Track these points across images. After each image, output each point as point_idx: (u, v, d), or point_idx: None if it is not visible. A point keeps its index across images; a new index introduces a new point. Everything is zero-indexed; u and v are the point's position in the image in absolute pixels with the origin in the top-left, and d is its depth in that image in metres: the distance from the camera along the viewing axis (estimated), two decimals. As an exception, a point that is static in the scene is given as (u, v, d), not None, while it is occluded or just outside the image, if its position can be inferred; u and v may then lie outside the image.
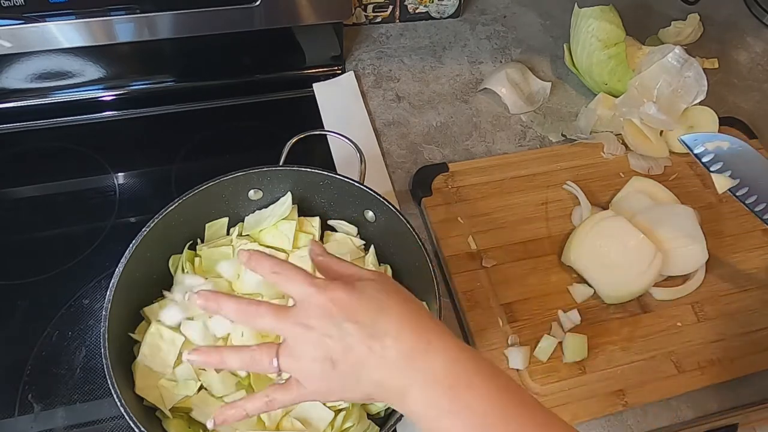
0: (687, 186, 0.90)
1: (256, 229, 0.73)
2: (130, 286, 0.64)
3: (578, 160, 0.92)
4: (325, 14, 0.91)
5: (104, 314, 0.60)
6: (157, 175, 0.88)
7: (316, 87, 0.99)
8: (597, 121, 0.95)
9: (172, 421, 0.61)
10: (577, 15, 0.97)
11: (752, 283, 0.82)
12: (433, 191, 0.86)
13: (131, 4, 0.81)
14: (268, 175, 0.72)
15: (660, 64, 0.91)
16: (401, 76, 1.03)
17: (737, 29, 1.17)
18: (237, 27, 0.87)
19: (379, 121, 0.97)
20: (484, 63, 1.06)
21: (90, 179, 0.87)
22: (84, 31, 0.82)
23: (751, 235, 0.86)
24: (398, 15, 1.09)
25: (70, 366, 0.71)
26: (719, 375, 0.74)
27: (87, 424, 0.68)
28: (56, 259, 0.79)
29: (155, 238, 0.66)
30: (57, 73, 0.90)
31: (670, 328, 0.77)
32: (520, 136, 0.97)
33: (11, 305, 0.75)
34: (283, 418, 0.62)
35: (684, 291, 0.80)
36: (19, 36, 0.80)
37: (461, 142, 0.95)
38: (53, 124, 0.92)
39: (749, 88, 1.08)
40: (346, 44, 1.03)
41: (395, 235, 0.71)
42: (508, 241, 0.83)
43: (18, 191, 0.86)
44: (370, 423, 0.63)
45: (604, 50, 0.94)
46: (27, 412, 0.68)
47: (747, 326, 0.78)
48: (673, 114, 0.90)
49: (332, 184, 0.72)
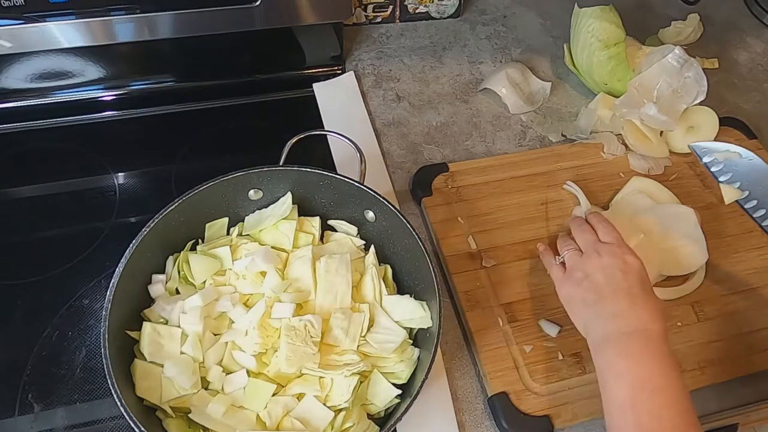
0: (687, 186, 0.90)
1: (256, 229, 0.73)
2: (130, 286, 0.65)
3: (578, 160, 0.92)
4: (325, 14, 0.91)
5: (104, 314, 0.60)
6: (157, 175, 0.88)
7: (316, 87, 0.99)
8: (597, 121, 0.95)
9: (172, 420, 0.61)
10: (577, 15, 0.97)
11: (752, 283, 0.82)
12: (433, 191, 0.86)
13: (131, 4, 0.81)
14: (268, 175, 0.72)
15: (660, 64, 0.91)
16: (401, 76, 1.03)
17: (737, 29, 1.17)
18: (237, 27, 0.87)
19: (379, 121, 0.97)
20: (484, 63, 1.07)
21: (90, 179, 0.87)
22: (84, 31, 0.82)
23: (751, 235, 0.86)
24: (398, 15, 1.09)
25: (70, 366, 0.71)
26: (719, 375, 0.74)
27: (87, 424, 0.68)
28: (56, 259, 0.79)
29: (155, 238, 0.66)
30: (57, 73, 0.90)
31: (670, 328, 0.77)
32: (520, 136, 0.97)
33: (11, 305, 0.75)
34: (283, 417, 0.62)
35: (684, 291, 0.80)
36: (19, 36, 0.80)
37: (461, 142, 0.95)
38: (53, 124, 0.92)
39: (749, 88, 1.08)
40: (346, 44, 1.03)
41: (395, 235, 0.71)
42: (508, 241, 0.83)
43: (18, 191, 0.86)
44: (370, 423, 0.64)
45: (604, 50, 0.94)
46: (27, 412, 0.68)
47: (747, 326, 0.78)
48: (673, 114, 0.90)
49: (332, 184, 0.72)
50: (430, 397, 0.71)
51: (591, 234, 0.73)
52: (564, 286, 0.71)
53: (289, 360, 0.62)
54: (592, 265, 0.68)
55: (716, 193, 0.90)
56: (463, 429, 0.71)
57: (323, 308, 0.67)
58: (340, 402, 0.62)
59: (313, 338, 0.63)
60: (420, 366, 0.66)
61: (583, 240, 0.73)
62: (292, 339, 0.63)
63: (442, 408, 0.71)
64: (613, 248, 0.69)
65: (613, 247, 0.69)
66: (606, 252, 0.69)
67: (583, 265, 0.69)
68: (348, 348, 0.65)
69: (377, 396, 0.64)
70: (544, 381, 0.72)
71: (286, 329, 0.63)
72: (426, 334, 0.67)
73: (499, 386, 0.71)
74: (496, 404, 0.70)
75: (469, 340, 0.76)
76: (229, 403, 0.62)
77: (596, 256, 0.69)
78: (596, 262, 0.68)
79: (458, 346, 0.77)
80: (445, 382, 0.73)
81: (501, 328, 0.76)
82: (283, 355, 0.62)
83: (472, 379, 0.75)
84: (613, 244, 0.70)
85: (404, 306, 0.68)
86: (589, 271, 0.68)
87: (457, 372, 0.75)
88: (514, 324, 0.76)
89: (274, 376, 0.64)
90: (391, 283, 0.72)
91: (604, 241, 0.71)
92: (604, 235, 0.72)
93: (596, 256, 0.69)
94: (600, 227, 0.73)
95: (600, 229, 0.73)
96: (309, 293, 0.68)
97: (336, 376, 0.63)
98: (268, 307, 0.65)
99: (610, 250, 0.69)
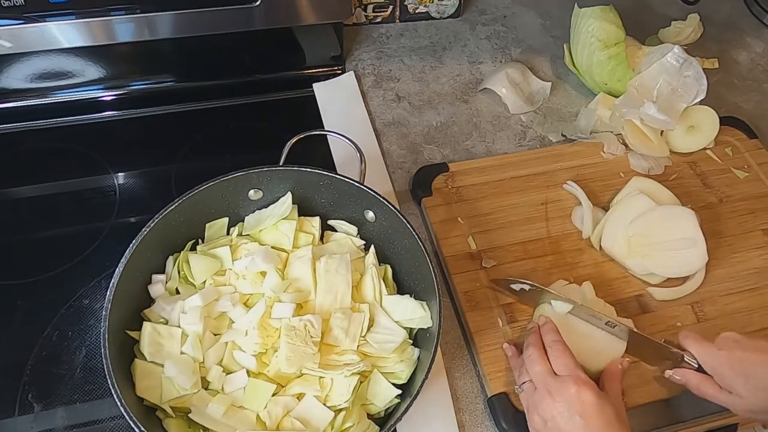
0: (687, 186, 0.90)
1: (256, 229, 0.73)
2: (130, 286, 0.65)
3: (578, 160, 0.92)
4: (325, 14, 0.91)
5: (104, 314, 0.60)
6: (157, 175, 0.88)
7: (316, 87, 0.99)
8: (597, 121, 0.95)
9: (172, 420, 0.61)
10: (577, 15, 0.97)
11: (752, 283, 0.82)
12: (433, 191, 0.86)
13: (131, 4, 0.81)
14: (268, 175, 0.72)
15: (659, 63, 0.91)
16: (401, 76, 1.03)
17: (737, 29, 1.17)
18: (237, 27, 0.87)
19: (379, 121, 0.97)
20: (484, 63, 1.06)
21: (90, 179, 0.87)
22: (84, 31, 0.82)
23: (751, 235, 0.86)
24: (398, 15, 1.09)
25: (70, 366, 0.71)
26: (719, 375, 0.74)
27: (87, 424, 0.68)
28: (56, 259, 0.79)
29: (155, 238, 0.66)
30: (57, 73, 0.90)
31: (670, 328, 0.77)
32: (520, 136, 0.97)
33: (11, 305, 0.75)
34: (283, 417, 0.62)
35: (684, 291, 0.80)
36: (19, 36, 0.80)
37: (461, 142, 0.95)
38: (53, 124, 0.92)
39: (749, 88, 1.08)
40: (346, 44, 1.03)
41: (395, 235, 0.71)
42: (508, 241, 0.83)
43: (18, 191, 0.86)
44: (370, 423, 0.64)
45: (604, 50, 0.94)
46: (27, 412, 0.68)
47: (747, 326, 0.78)
48: (673, 114, 0.90)
49: (332, 184, 0.72)
50: (430, 397, 0.71)
51: (542, 365, 0.66)
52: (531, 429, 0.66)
53: (289, 360, 0.62)
54: (548, 409, 0.63)
55: (716, 193, 0.90)
56: (463, 429, 0.71)
57: (323, 308, 0.67)
58: (340, 402, 0.62)
59: (313, 338, 0.63)
60: (420, 366, 0.66)
61: (534, 374, 0.66)
62: (292, 339, 0.63)
63: (442, 408, 0.71)
64: (567, 385, 0.63)
65: (566, 383, 0.63)
66: (559, 392, 0.63)
67: (538, 408, 0.64)
68: (348, 348, 0.65)
69: (377, 396, 0.64)
70: (544, 381, 0.72)
71: (286, 329, 0.63)
72: (426, 334, 0.67)
73: (499, 387, 0.71)
74: (496, 405, 0.70)
75: (469, 340, 0.76)
76: (229, 403, 0.62)
77: (549, 398, 0.63)
78: (552, 408, 0.63)
79: (458, 346, 0.77)
80: (445, 382, 0.73)
81: (501, 329, 0.76)
82: (283, 355, 0.62)
83: (472, 379, 0.75)
84: (566, 378, 0.63)
85: (404, 306, 0.68)
86: (548, 416, 0.63)
87: (457, 372, 0.75)
88: (514, 324, 0.76)
89: (274, 376, 0.64)
90: (391, 283, 0.72)
91: (556, 370, 0.65)
92: (555, 363, 0.66)
93: (549, 399, 0.63)
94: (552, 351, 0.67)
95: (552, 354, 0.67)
96: (309, 293, 0.68)
97: (336, 376, 0.63)
98: (268, 307, 0.65)
99: (563, 389, 0.63)
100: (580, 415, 0.61)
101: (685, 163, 0.93)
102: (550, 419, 0.63)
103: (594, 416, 0.61)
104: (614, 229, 0.82)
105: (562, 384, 0.63)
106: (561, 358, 0.66)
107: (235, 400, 0.62)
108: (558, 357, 0.66)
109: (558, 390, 0.63)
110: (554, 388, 0.63)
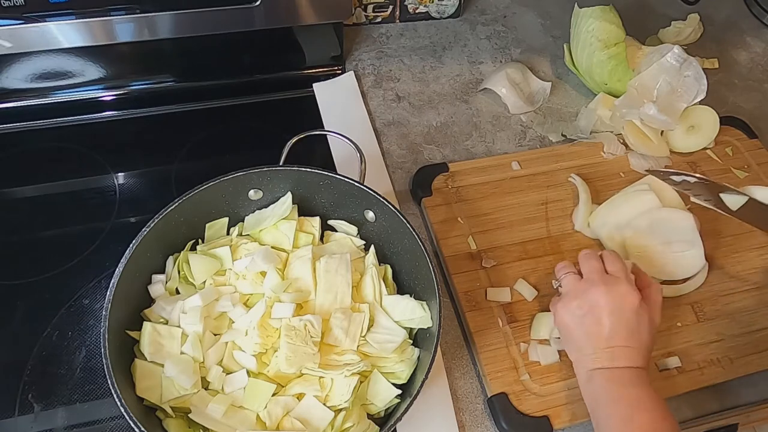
0: (687, 186, 0.90)
1: (256, 229, 0.73)
2: (130, 286, 0.65)
3: (578, 160, 0.92)
4: (325, 14, 0.91)
5: (104, 314, 0.60)
6: (157, 175, 0.88)
7: (316, 87, 0.99)
8: (597, 121, 0.95)
9: (172, 420, 0.61)
10: (577, 15, 0.97)
11: (752, 283, 0.82)
12: (433, 191, 0.86)
13: (131, 4, 0.81)
14: (268, 175, 0.72)
15: (659, 63, 0.91)
16: (401, 76, 1.03)
17: (737, 29, 1.17)
18: (237, 27, 0.87)
19: (379, 121, 0.97)
20: (484, 63, 1.06)
21: (90, 179, 0.87)
22: (84, 31, 0.82)
23: (751, 235, 0.86)
24: (398, 15, 1.09)
25: (70, 366, 0.71)
26: (719, 375, 0.74)
27: (87, 424, 0.68)
28: (56, 259, 0.79)
29: (155, 238, 0.66)
30: (57, 73, 0.90)
31: (670, 328, 0.77)
32: (520, 136, 0.97)
33: (11, 305, 0.75)
34: (283, 417, 0.62)
35: (684, 291, 0.80)
36: (19, 36, 0.80)
37: (461, 142, 0.95)
38: (53, 124, 0.92)
39: (749, 88, 1.08)
40: (346, 44, 1.03)
41: (395, 235, 0.71)
42: (508, 241, 0.83)
43: (18, 191, 0.86)
44: (370, 423, 0.64)
45: (604, 50, 0.94)
46: (27, 412, 0.68)
47: (747, 326, 0.78)
48: (673, 114, 0.90)
49: (332, 184, 0.72)
50: (430, 397, 0.71)
51: (599, 261, 0.71)
52: (563, 314, 0.69)
53: (289, 360, 0.62)
54: (596, 297, 0.67)
55: (716, 193, 0.90)
56: (463, 429, 0.71)
57: (323, 308, 0.67)
58: (340, 402, 0.62)
59: (313, 338, 0.63)
60: (420, 366, 0.66)
61: (589, 267, 0.70)
62: (292, 339, 0.63)
63: (442, 408, 0.71)
64: (621, 282, 0.67)
65: (620, 281, 0.67)
66: (613, 285, 0.67)
67: (585, 293, 0.67)
68: (348, 348, 0.65)
69: (377, 396, 0.64)
70: (544, 381, 0.72)
71: (286, 329, 0.63)
72: (426, 334, 0.67)
73: (499, 387, 0.71)
74: (496, 405, 0.70)
75: (469, 340, 0.76)
76: (229, 403, 0.62)
77: (602, 287, 0.67)
78: (599, 297, 0.66)
79: (458, 346, 0.77)
80: (445, 382, 0.73)
81: (501, 329, 0.76)
82: (283, 355, 0.62)
83: (472, 379, 0.75)
84: (619, 277, 0.68)
85: (404, 306, 0.68)
86: (593, 302, 0.66)
87: (457, 372, 0.75)
88: (514, 324, 0.76)
89: (274, 376, 0.64)
90: (391, 283, 0.72)
91: (610, 270, 0.70)
92: (610, 264, 0.70)
93: (602, 288, 0.67)
94: (607, 256, 0.72)
95: (607, 259, 0.71)
96: (309, 293, 0.68)
97: (336, 376, 0.63)
98: (268, 307, 0.65)
99: (617, 285, 0.67)
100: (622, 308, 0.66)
101: (686, 163, 0.93)
102: (595, 306, 0.66)
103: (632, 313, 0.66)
104: (607, 212, 0.83)
105: (616, 280, 0.68)
106: (616, 263, 0.70)
107: (235, 400, 0.62)
108: (613, 262, 0.70)
109: (612, 283, 0.67)
110: (608, 280, 0.68)
